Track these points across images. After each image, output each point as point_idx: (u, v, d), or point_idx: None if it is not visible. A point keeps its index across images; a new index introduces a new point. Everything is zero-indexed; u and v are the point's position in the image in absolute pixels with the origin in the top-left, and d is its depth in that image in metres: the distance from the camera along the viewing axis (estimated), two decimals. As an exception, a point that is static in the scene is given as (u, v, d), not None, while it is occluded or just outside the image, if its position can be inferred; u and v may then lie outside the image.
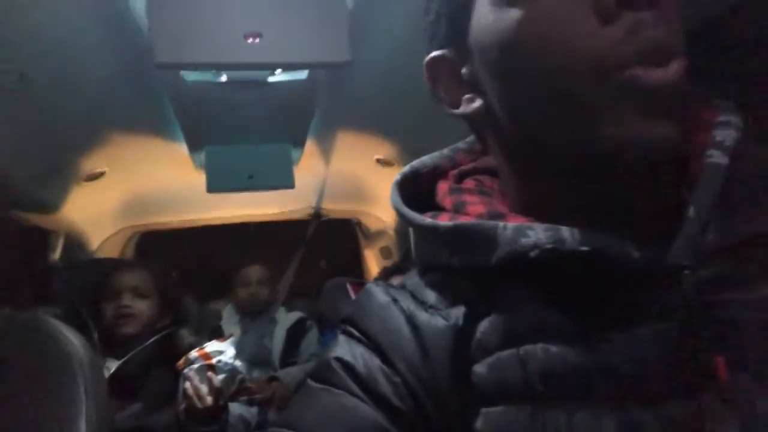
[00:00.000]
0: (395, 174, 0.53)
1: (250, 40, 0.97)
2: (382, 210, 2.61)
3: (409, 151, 1.93)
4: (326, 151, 2.02)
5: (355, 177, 2.34)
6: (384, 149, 1.98)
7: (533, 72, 0.40)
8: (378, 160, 2.08)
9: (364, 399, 0.44)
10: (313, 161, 2.07)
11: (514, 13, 0.40)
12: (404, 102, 1.49)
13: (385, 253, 2.73)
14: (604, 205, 0.42)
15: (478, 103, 0.47)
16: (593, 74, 0.38)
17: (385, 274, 2.15)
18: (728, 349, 0.36)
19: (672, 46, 0.38)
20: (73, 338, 0.81)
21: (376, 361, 0.45)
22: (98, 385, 0.82)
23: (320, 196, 2.52)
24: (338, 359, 0.47)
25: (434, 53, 0.49)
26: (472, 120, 0.49)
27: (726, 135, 0.42)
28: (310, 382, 0.48)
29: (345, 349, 0.48)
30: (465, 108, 0.48)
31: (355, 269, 3.03)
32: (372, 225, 2.79)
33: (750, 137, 0.43)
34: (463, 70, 0.47)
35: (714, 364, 0.36)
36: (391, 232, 2.62)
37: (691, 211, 0.39)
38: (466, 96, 0.48)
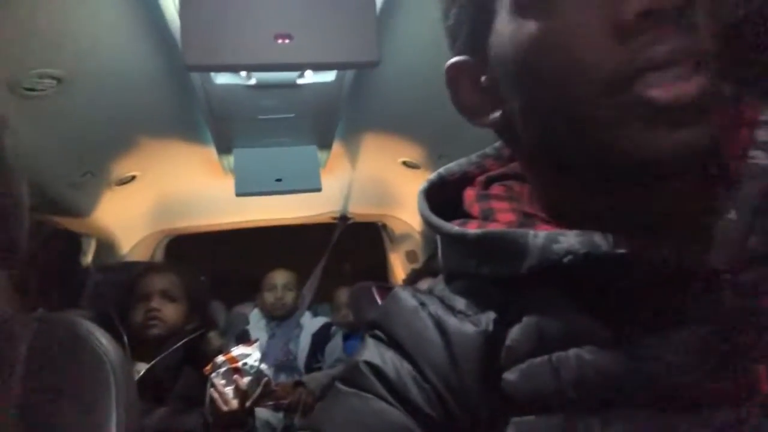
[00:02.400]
0: (421, 177, 0.52)
1: (280, 41, 0.97)
2: (407, 213, 2.60)
3: (435, 154, 1.91)
4: (353, 154, 2.02)
5: (380, 180, 2.34)
6: (410, 152, 1.97)
7: (548, 86, 0.39)
8: (404, 163, 2.07)
9: (393, 404, 0.43)
10: (340, 164, 2.07)
11: (531, 26, 0.39)
12: (431, 104, 1.47)
13: (411, 256, 2.71)
14: (634, 211, 0.41)
15: (497, 112, 0.46)
16: (606, 91, 0.36)
17: (413, 277, 2.13)
18: None
19: (696, 58, 0.35)
20: (104, 341, 0.81)
21: (406, 366, 0.44)
22: (129, 388, 0.81)
23: (346, 200, 2.52)
24: (367, 363, 0.46)
25: (454, 59, 0.48)
26: (492, 128, 0.48)
27: None
28: (338, 384, 0.47)
29: (374, 352, 0.47)
30: (484, 117, 0.47)
31: (381, 273, 3.02)
32: (398, 228, 2.78)
33: None
34: (482, 78, 0.46)
35: (756, 373, 0.35)
36: (417, 236, 2.60)
37: (733, 214, 0.38)
38: (486, 104, 0.47)
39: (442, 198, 0.52)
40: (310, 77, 1.35)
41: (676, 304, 0.37)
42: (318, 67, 1.20)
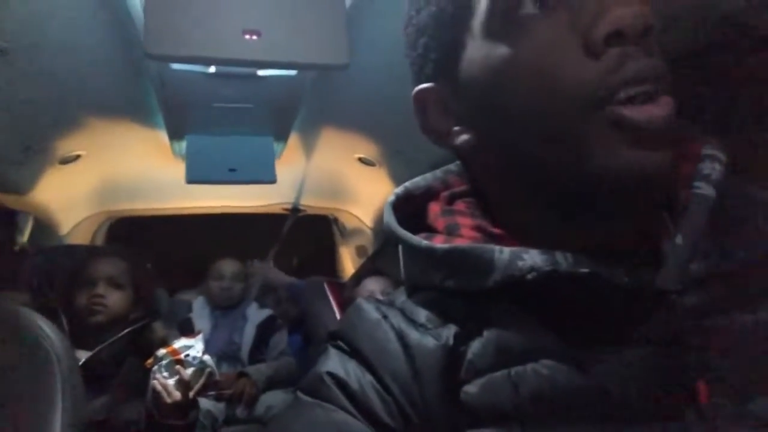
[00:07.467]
0: (377, 174, 0.54)
1: (247, 37, 0.94)
2: (360, 209, 2.61)
3: (391, 152, 1.93)
4: (308, 147, 2.00)
5: (335, 174, 2.33)
6: (367, 148, 1.97)
7: (523, 107, 0.41)
8: (360, 159, 2.07)
9: (356, 416, 0.44)
10: (294, 156, 2.05)
11: (504, 49, 0.41)
12: (390, 103, 1.48)
13: (360, 251, 2.72)
14: (593, 232, 0.43)
15: (466, 136, 0.47)
16: (581, 108, 0.39)
17: (360, 276, 2.14)
18: (710, 373, 0.38)
19: (659, 78, 0.39)
20: (49, 331, 0.80)
21: (368, 378, 0.45)
22: (74, 378, 0.80)
23: (299, 192, 2.50)
24: (330, 374, 0.46)
25: (423, 86, 0.49)
26: (461, 152, 0.50)
27: (712, 168, 0.44)
28: (300, 395, 0.47)
29: (337, 363, 0.47)
30: (453, 141, 0.48)
31: (330, 267, 3.02)
32: (349, 223, 2.78)
33: (733, 171, 0.45)
34: (452, 104, 0.48)
35: (696, 387, 0.38)
36: (368, 231, 2.61)
37: (679, 239, 0.41)
38: (455, 129, 0.48)
39: (406, 211, 0.53)
40: (272, 69, 1.33)
41: (628, 322, 0.40)
42: (285, 67, 1.17)
